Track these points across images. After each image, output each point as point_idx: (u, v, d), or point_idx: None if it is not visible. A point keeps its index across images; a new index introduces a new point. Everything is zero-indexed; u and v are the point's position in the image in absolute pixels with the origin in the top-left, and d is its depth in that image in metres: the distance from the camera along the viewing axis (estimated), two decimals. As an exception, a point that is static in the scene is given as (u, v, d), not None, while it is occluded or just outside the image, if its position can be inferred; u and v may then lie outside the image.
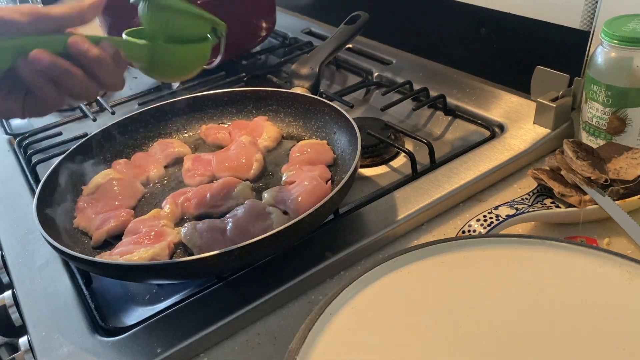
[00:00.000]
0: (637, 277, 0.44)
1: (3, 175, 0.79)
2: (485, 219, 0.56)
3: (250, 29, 1.01)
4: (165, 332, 0.51)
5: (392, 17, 1.00)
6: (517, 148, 0.69)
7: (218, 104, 0.78)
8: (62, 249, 0.51)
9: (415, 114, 0.83)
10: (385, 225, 0.59)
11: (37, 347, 0.51)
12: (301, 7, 1.25)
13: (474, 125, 0.77)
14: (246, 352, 0.50)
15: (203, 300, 0.54)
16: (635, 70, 0.59)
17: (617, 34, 0.59)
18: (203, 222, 0.57)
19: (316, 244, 0.58)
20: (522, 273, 0.47)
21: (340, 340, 0.42)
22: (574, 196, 0.57)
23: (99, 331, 0.52)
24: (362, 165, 0.74)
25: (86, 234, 0.61)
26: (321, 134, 0.72)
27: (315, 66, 0.78)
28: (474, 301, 0.45)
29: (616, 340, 0.40)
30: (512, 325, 0.43)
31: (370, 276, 0.47)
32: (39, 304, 0.56)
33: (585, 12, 0.69)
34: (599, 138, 0.65)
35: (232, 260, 0.49)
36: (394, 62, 0.94)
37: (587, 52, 0.71)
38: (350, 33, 0.86)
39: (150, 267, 0.50)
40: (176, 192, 0.64)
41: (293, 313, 0.53)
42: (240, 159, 0.68)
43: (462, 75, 0.88)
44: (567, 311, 0.43)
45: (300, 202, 0.57)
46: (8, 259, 0.63)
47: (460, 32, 0.89)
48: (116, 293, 0.59)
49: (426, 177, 0.66)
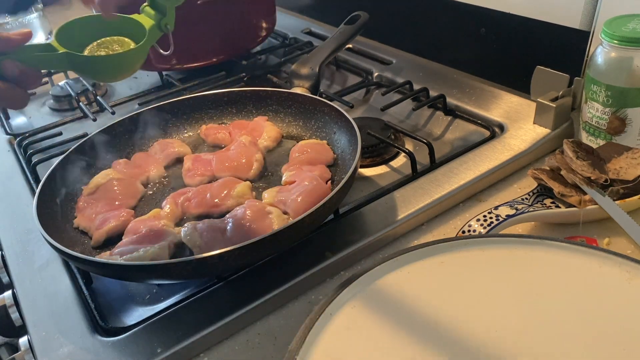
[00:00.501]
0: (637, 277, 0.44)
1: (3, 175, 0.79)
2: (485, 219, 0.56)
3: (250, 29, 1.01)
4: (165, 332, 0.51)
5: (392, 17, 1.00)
6: (517, 148, 0.69)
7: (218, 104, 0.78)
8: (62, 249, 0.51)
9: (415, 114, 0.83)
10: (385, 225, 0.59)
11: (37, 347, 0.51)
12: (301, 7, 1.25)
13: (474, 125, 0.77)
14: (246, 352, 0.50)
15: (203, 300, 0.54)
16: (635, 70, 0.59)
17: (617, 34, 0.59)
18: (203, 222, 0.57)
19: (316, 244, 0.58)
20: (522, 273, 0.47)
21: (340, 340, 0.42)
22: (574, 196, 0.57)
23: (99, 331, 0.52)
24: (362, 165, 0.74)
25: (86, 234, 0.61)
26: (321, 134, 0.72)
27: (315, 66, 0.78)
28: (473, 301, 0.45)
29: (616, 340, 0.40)
30: (511, 325, 0.43)
31: (370, 276, 0.47)
32: (39, 304, 0.56)
33: (585, 12, 0.69)
34: (599, 138, 0.65)
35: (232, 260, 0.49)
36: (394, 62, 0.94)
37: (587, 52, 0.71)
38: (350, 33, 0.86)
39: (150, 267, 0.50)
40: (176, 192, 0.64)
41: (293, 313, 0.53)
42: (240, 159, 0.68)
43: (462, 75, 0.88)
44: (567, 311, 0.43)
45: (300, 202, 0.57)
46: (8, 259, 0.63)
47: (460, 32, 0.89)
48: (116, 293, 0.59)
49: (426, 177, 0.66)
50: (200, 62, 0.97)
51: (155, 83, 1.02)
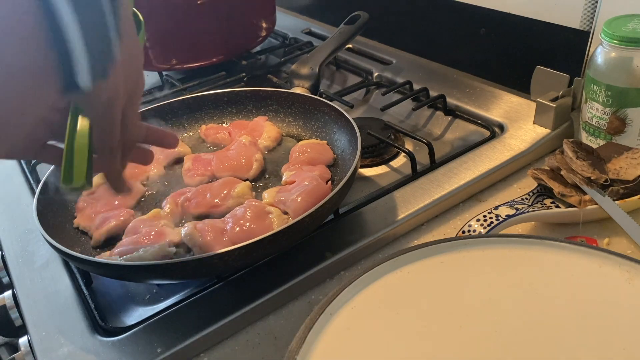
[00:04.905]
0: (637, 277, 0.44)
1: (3, 175, 0.79)
2: (485, 219, 0.56)
3: (250, 29, 1.01)
4: (165, 332, 0.51)
5: (392, 17, 1.00)
6: (517, 148, 0.69)
7: (218, 104, 0.78)
8: (62, 249, 0.51)
9: (415, 114, 0.83)
10: (385, 225, 0.59)
11: (37, 347, 0.51)
12: (301, 7, 1.25)
13: (473, 125, 0.77)
14: (246, 352, 0.50)
15: (203, 300, 0.54)
16: (635, 70, 0.59)
17: (617, 34, 0.59)
18: (203, 222, 0.57)
19: (316, 244, 0.58)
20: (522, 273, 0.46)
21: (340, 340, 0.42)
22: (574, 196, 0.57)
23: (99, 331, 0.52)
24: (362, 165, 0.74)
25: (86, 234, 0.61)
26: (321, 134, 0.72)
27: (315, 66, 0.78)
28: (473, 301, 0.45)
29: (616, 340, 0.40)
30: (511, 325, 0.43)
31: (370, 276, 0.47)
32: (39, 304, 0.56)
33: (585, 12, 0.69)
34: (599, 138, 0.65)
35: (232, 260, 0.49)
36: (394, 62, 0.94)
37: (587, 52, 0.71)
38: (350, 33, 0.86)
39: (150, 267, 0.50)
40: (176, 192, 0.64)
41: (293, 313, 0.53)
42: (240, 159, 0.68)
43: (462, 75, 0.88)
44: (567, 311, 0.43)
45: (300, 202, 0.57)
46: (8, 259, 0.63)
47: (460, 32, 0.89)
48: (116, 293, 0.59)
49: (426, 177, 0.66)
50: (200, 62, 0.97)
51: (155, 83, 1.02)
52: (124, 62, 0.38)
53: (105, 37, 0.35)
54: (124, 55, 0.38)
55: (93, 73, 0.35)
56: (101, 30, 0.35)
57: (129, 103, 0.42)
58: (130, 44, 0.40)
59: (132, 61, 0.41)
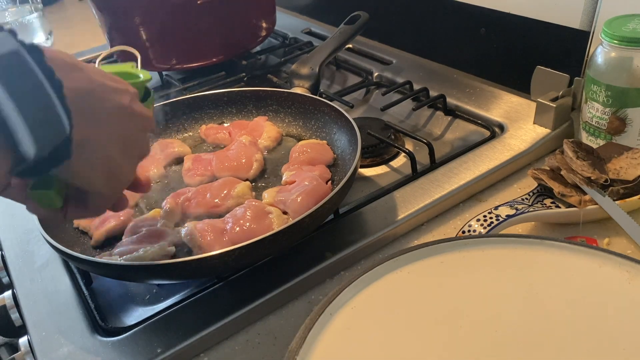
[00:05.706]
0: (637, 277, 0.44)
1: (3, 175, 0.79)
2: (485, 219, 0.56)
3: (250, 29, 1.01)
4: (165, 332, 0.51)
5: (392, 17, 1.00)
6: (517, 148, 0.69)
7: (218, 104, 0.78)
8: (62, 249, 0.51)
9: (415, 114, 0.83)
10: (385, 225, 0.59)
11: (37, 347, 0.51)
12: (301, 7, 1.25)
13: (473, 125, 0.77)
14: (246, 352, 0.50)
15: (203, 300, 0.54)
16: (635, 70, 0.59)
17: (617, 34, 0.59)
18: (203, 222, 0.57)
19: (316, 244, 0.58)
20: (522, 273, 0.47)
21: (340, 340, 0.42)
22: (574, 196, 0.57)
23: (99, 331, 0.52)
24: (362, 165, 0.74)
25: (86, 234, 0.61)
26: (321, 134, 0.72)
27: (315, 66, 0.78)
28: (473, 301, 0.45)
29: (616, 340, 0.40)
30: (511, 325, 0.43)
31: (370, 276, 0.47)
32: (39, 304, 0.56)
33: (585, 12, 0.69)
34: (599, 138, 0.65)
35: (232, 260, 0.49)
36: (394, 62, 0.94)
37: (587, 52, 0.71)
38: (350, 33, 0.86)
39: (150, 267, 0.50)
40: (176, 192, 0.64)
41: (293, 313, 0.53)
42: (240, 159, 0.68)
43: (462, 75, 0.88)
44: (567, 311, 0.43)
45: (300, 202, 0.57)
46: (8, 259, 0.63)
47: (460, 32, 0.89)
48: (116, 293, 0.59)
49: (426, 177, 0.66)
50: (200, 62, 0.97)
51: (155, 83, 1.02)
52: (98, 138, 0.39)
53: (50, 119, 0.34)
54: (95, 132, 0.38)
55: (44, 153, 0.34)
56: (45, 113, 0.34)
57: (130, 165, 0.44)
58: (103, 119, 0.40)
59: (119, 131, 0.42)
